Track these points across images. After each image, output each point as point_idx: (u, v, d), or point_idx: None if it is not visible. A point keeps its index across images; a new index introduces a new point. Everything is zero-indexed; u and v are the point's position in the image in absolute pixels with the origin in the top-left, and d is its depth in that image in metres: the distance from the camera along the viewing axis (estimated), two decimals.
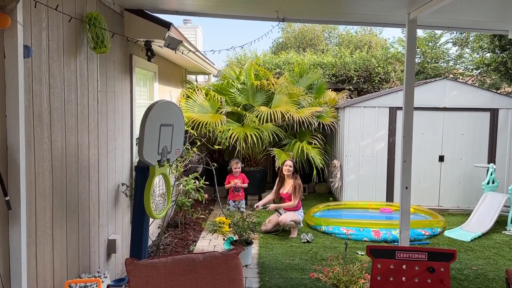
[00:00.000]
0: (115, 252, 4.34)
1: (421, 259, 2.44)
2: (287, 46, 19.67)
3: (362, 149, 7.99)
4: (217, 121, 7.77)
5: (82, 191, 3.61)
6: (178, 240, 6.20)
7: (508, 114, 7.73)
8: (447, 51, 17.02)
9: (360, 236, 6.25)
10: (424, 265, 2.45)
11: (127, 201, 4.84)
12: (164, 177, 4.09)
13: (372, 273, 2.49)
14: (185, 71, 8.76)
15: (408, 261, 2.45)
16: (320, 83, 9.64)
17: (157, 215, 3.95)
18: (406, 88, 4.26)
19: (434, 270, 2.42)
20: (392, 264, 2.47)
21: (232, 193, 7.01)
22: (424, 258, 2.44)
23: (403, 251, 2.45)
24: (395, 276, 2.45)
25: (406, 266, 2.46)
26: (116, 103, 4.46)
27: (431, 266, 2.43)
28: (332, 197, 8.88)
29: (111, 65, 4.30)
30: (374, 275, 2.48)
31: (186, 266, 2.58)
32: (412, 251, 2.45)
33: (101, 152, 4.01)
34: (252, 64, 9.39)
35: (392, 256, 2.45)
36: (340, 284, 3.92)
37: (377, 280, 2.46)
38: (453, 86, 7.88)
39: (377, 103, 7.95)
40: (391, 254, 2.45)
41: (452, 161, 7.91)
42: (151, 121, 3.62)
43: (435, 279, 2.44)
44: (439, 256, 2.45)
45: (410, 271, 2.45)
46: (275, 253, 5.68)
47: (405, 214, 4.29)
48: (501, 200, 6.78)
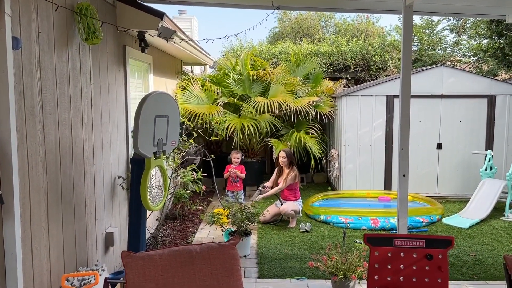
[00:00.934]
0: (113, 245, 4.32)
1: (419, 247, 2.43)
2: (283, 35, 19.55)
3: (359, 138, 7.96)
4: (213, 112, 7.73)
5: (78, 184, 3.58)
6: (177, 232, 6.20)
7: (506, 100, 7.70)
8: (444, 38, 16.96)
9: (359, 224, 6.25)
10: (422, 252, 2.43)
11: (124, 194, 4.82)
12: (161, 169, 4.06)
13: (369, 261, 2.48)
14: (180, 62, 8.69)
15: (405, 248, 2.44)
16: (317, 73, 9.59)
17: (154, 207, 3.92)
18: (403, 75, 4.22)
19: (432, 257, 2.41)
20: (389, 252, 2.45)
21: (230, 184, 7.00)
22: (421, 245, 2.43)
23: (401, 238, 2.43)
24: (393, 263, 2.44)
25: (404, 254, 2.45)
26: (110, 95, 4.41)
27: (429, 253, 2.42)
28: (331, 186, 8.88)
29: (104, 56, 4.25)
30: (371, 263, 2.47)
31: (183, 258, 2.56)
32: (409, 239, 2.43)
33: (95, 145, 3.97)
34: (248, 54, 9.32)
35: (390, 244, 2.43)
36: (339, 272, 3.91)
37: (375, 268, 2.44)
38: (450, 73, 7.84)
39: (374, 92, 7.91)
40: (388, 242, 2.43)
41: (450, 148, 7.90)
42: (145, 112, 3.58)
43: (433, 266, 2.43)
44: (437, 243, 2.43)
45: (408, 259, 2.44)
46: (274, 243, 5.68)
47: (402, 202, 4.27)
48: (499, 187, 6.79)
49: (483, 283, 4.40)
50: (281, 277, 4.59)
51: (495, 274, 4.64)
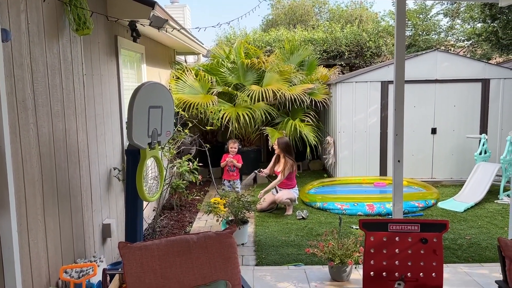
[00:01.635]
0: (110, 237, 4.33)
1: (413, 231, 2.45)
2: (277, 23, 19.43)
3: (355, 125, 7.97)
4: (208, 101, 7.70)
5: (73, 176, 3.57)
6: (174, 222, 6.22)
7: (500, 84, 7.72)
8: (438, 23, 16.90)
9: (355, 210, 6.29)
10: (417, 236, 2.46)
11: (120, 185, 4.82)
12: (156, 159, 4.05)
13: (365, 246, 2.50)
14: (173, 52, 8.63)
15: (401, 233, 2.46)
16: (311, 60, 9.55)
17: (150, 198, 3.93)
18: (396, 61, 4.20)
19: (427, 241, 2.43)
20: (385, 237, 2.47)
21: (226, 173, 7.00)
22: (416, 229, 2.45)
23: (396, 223, 2.45)
24: (388, 248, 2.47)
25: (399, 238, 2.47)
26: (103, 86, 4.38)
27: (424, 237, 2.44)
28: (327, 173, 8.91)
29: (95, 47, 4.21)
30: (367, 248, 2.49)
31: (180, 247, 2.57)
32: (404, 223, 2.45)
33: (90, 136, 3.96)
34: (242, 43, 9.26)
35: (385, 229, 2.45)
36: (335, 258, 3.95)
37: (371, 253, 2.47)
38: (444, 57, 7.83)
39: (368, 78, 7.90)
40: (383, 226, 2.45)
41: (445, 133, 7.93)
42: (139, 103, 3.56)
43: (428, 249, 2.45)
44: (432, 227, 2.46)
45: (403, 243, 2.46)
46: (271, 230, 5.71)
47: (398, 187, 4.29)
48: (493, 170, 6.84)
49: (478, 265, 4.45)
50: (278, 264, 4.62)
51: (489, 256, 4.70)
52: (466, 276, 4.14)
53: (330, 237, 4.22)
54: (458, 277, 4.14)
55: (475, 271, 4.26)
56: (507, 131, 7.70)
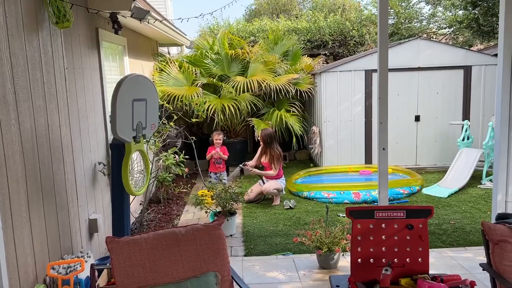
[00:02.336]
0: (97, 232, 4.30)
1: (399, 217, 2.49)
2: (260, 13, 19.32)
3: (340, 114, 8.02)
4: (193, 93, 7.65)
5: (57, 172, 3.52)
6: (162, 215, 6.20)
7: (481, 70, 7.83)
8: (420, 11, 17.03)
9: (341, 199, 6.36)
10: (403, 222, 2.50)
11: (106, 180, 4.77)
12: (141, 153, 4.02)
13: (352, 234, 2.53)
14: (156, 44, 8.52)
15: (387, 220, 2.50)
16: (296, 50, 9.54)
17: (137, 192, 3.90)
18: (380, 49, 4.22)
19: (412, 227, 2.48)
20: (371, 224, 2.50)
21: (213, 165, 6.99)
22: (402, 216, 2.49)
23: (382, 210, 2.49)
24: (375, 235, 2.50)
25: (385, 225, 2.51)
26: (85, 80, 4.31)
27: (410, 223, 2.48)
28: (313, 163, 8.97)
29: (76, 40, 4.13)
30: (354, 236, 2.52)
31: (168, 240, 2.57)
32: (390, 210, 2.49)
33: (73, 131, 3.90)
34: (226, 33, 9.19)
35: (371, 216, 2.48)
36: (323, 246, 3.99)
37: (358, 240, 2.50)
38: (427, 45, 7.90)
39: (352, 67, 7.93)
40: (370, 214, 2.48)
41: (428, 120, 8.03)
42: (122, 96, 3.52)
43: (414, 235, 2.50)
44: (417, 213, 2.50)
45: (389, 230, 2.50)
46: (259, 221, 5.73)
47: (383, 175, 4.34)
48: (475, 156, 6.96)
49: (463, 249, 4.55)
50: (267, 254, 4.65)
51: (473, 240, 4.80)
52: (451, 260, 4.23)
53: (317, 226, 4.26)
54: (443, 261, 4.23)
55: (459, 255, 4.36)
56: (489, 117, 7.84)
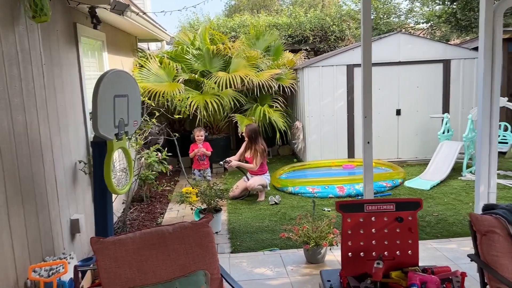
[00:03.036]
0: (79, 232, 4.19)
1: (389, 210, 2.49)
2: (240, 8, 19.21)
3: (322, 109, 8.03)
4: (174, 90, 7.54)
5: (37, 172, 3.40)
6: (145, 214, 6.10)
7: (460, 64, 7.95)
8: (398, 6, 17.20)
9: (326, 193, 6.37)
10: (393, 215, 2.50)
11: (87, 179, 4.65)
12: (124, 151, 3.93)
13: (342, 228, 2.52)
14: (135, 39, 8.36)
15: (377, 213, 2.49)
16: (277, 45, 9.50)
17: (120, 190, 3.81)
18: (363, 43, 4.23)
19: (402, 220, 2.48)
20: (361, 218, 2.50)
21: (196, 162, 6.90)
22: (392, 209, 2.49)
23: (372, 203, 2.48)
24: (365, 228, 2.49)
25: (375, 218, 2.50)
26: (64, 76, 4.18)
27: (399, 215, 2.49)
28: (296, 158, 8.97)
29: (54, 35, 4.00)
30: (344, 230, 2.51)
31: (155, 239, 2.50)
32: (380, 203, 2.48)
33: (52, 129, 3.78)
34: (207, 28, 9.08)
35: (361, 210, 2.47)
36: (310, 240, 3.98)
37: (348, 234, 2.49)
38: (407, 39, 7.97)
39: (334, 62, 7.95)
40: (360, 207, 2.47)
41: (409, 114, 8.12)
42: (103, 92, 3.42)
43: (404, 228, 2.50)
44: (406, 205, 2.50)
45: (379, 223, 2.49)
46: (245, 217, 5.70)
47: (368, 168, 4.35)
48: (456, 148, 7.07)
49: (447, 240, 4.61)
50: (254, 250, 4.62)
51: (457, 231, 4.87)
52: (436, 252, 4.28)
53: (304, 221, 4.24)
54: (428, 253, 4.27)
55: (444, 246, 4.41)
56: (468, 110, 7.98)
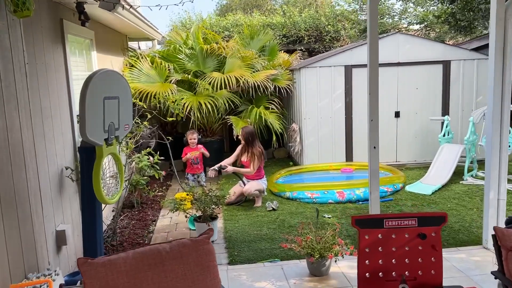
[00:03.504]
0: (66, 244, 3.88)
1: (411, 226, 2.25)
2: (231, 8, 18.94)
3: (320, 111, 7.79)
4: (166, 90, 7.25)
5: (19, 180, 3.10)
6: (136, 221, 5.80)
7: (460, 65, 7.78)
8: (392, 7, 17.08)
9: (325, 198, 6.13)
10: (414, 231, 2.26)
11: (74, 186, 4.35)
12: (114, 157, 3.64)
13: (359, 246, 2.27)
14: (125, 38, 8.06)
15: (397, 229, 2.25)
16: (272, 45, 9.25)
17: (109, 200, 3.53)
18: (370, 42, 4.01)
19: (425, 236, 2.24)
20: (380, 234, 2.26)
21: (190, 166, 6.61)
22: (414, 224, 2.25)
23: (392, 218, 2.24)
24: (384, 246, 2.25)
25: (396, 235, 2.26)
26: (49, 76, 3.88)
27: (422, 232, 2.25)
28: (292, 161, 8.73)
29: (38, 32, 3.70)
30: (361, 248, 2.27)
31: (151, 260, 2.23)
32: (401, 218, 2.24)
33: (36, 134, 3.48)
34: (200, 27, 8.80)
35: (380, 225, 2.23)
36: (315, 252, 3.73)
37: (365, 253, 2.24)
38: (406, 40, 7.78)
39: (332, 62, 7.72)
40: (379, 223, 2.23)
41: (408, 116, 7.92)
42: (92, 94, 3.14)
43: (426, 245, 2.27)
44: (430, 220, 2.27)
45: (399, 240, 2.25)
46: (241, 224, 5.43)
47: (374, 174, 4.15)
48: (457, 151, 6.89)
49: (455, 249, 4.40)
50: (253, 261, 4.36)
51: (463, 239, 4.67)
52: (445, 262, 4.03)
53: (306, 230, 4.00)
54: None
55: (452, 256, 4.20)
56: (468, 112, 7.81)
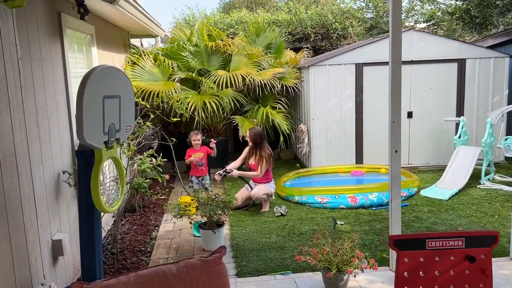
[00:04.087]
0: (63, 255, 3.60)
1: (457, 247, 1.96)
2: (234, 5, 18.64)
3: (329, 111, 7.49)
4: (170, 89, 6.95)
5: (10, 187, 2.81)
6: (138, 226, 5.51)
7: (476, 64, 7.46)
8: None
9: (336, 203, 5.83)
10: (461, 253, 1.97)
11: (72, 191, 4.06)
12: (115, 161, 3.34)
13: (397, 270, 1.98)
14: (127, 34, 7.76)
15: (441, 250, 1.96)
16: (279, 42, 8.94)
17: (109, 209, 3.22)
18: (392, 39, 3.72)
19: (474, 260, 1.95)
20: (422, 257, 1.96)
21: (194, 168, 6.30)
22: (461, 245, 1.96)
23: (436, 238, 1.95)
24: (427, 270, 1.96)
25: (440, 257, 1.97)
26: (45, 73, 3.59)
27: (470, 254, 1.96)
28: (299, 163, 8.42)
29: (33, 25, 3.41)
30: (400, 272, 1.97)
31: (155, 284, 1.94)
32: (446, 238, 1.95)
33: (30, 136, 3.18)
34: (204, 24, 8.49)
35: (422, 247, 1.94)
36: (332, 266, 3.43)
37: (404, 278, 1.95)
38: (420, 37, 7.46)
39: (342, 60, 7.41)
40: (420, 244, 1.94)
41: (421, 116, 7.61)
42: (90, 92, 2.83)
43: (475, 269, 1.97)
44: (479, 240, 1.97)
45: (444, 263, 1.96)
46: (249, 231, 5.14)
47: (395, 180, 3.85)
48: (474, 154, 6.58)
49: None
50: (262, 273, 4.06)
51: None
52: None
53: (323, 241, 3.69)
54: None
55: None
56: (483, 112, 7.50)
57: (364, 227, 5.10)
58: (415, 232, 4.87)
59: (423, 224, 5.12)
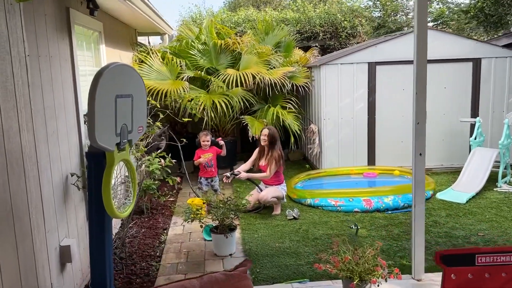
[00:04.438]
0: (71, 261, 3.44)
1: (509, 263, 1.79)
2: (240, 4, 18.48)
3: (340, 111, 7.30)
4: (178, 88, 6.78)
5: (17, 192, 2.65)
6: (146, 229, 5.35)
7: (491, 63, 7.26)
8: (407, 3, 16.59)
9: (351, 207, 5.65)
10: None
11: (80, 194, 3.90)
12: (127, 163, 3.18)
13: (444, 287, 1.80)
14: (135, 32, 7.60)
15: (492, 266, 1.79)
16: (288, 41, 8.76)
17: (121, 214, 3.06)
18: (417, 37, 3.54)
19: None
20: (470, 273, 1.79)
21: (203, 169, 6.13)
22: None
23: (486, 254, 1.78)
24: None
25: (490, 274, 1.80)
26: (53, 70, 3.43)
27: None
28: (309, 164, 8.24)
29: (41, 21, 3.25)
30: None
31: None
32: (498, 253, 1.78)
33: (38, 137, 3.03)
34: (213, 22, 8.32)
35: (471, 263, 1.77)
36: (354, 276, 3.25)
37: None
38: (433, 35, 7.23)
39: (354, 59, 7.23)
40: (469, 260, 1.77)
41: (435, 117, 7.39)
42: (102, 92, 2.67)
43: None
44: None
45: (496, 280, 1.79)
46: (261, 235, 4.97)
47: (419, 184, 3.69)
48: (491, 156, 6.38)
49: None
50: (277, 279, 3.90)
51: None
52: None
53: (344, 249, 3.51)
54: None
55: None
56: (499, 113, 7.31)
57: (380, 232, 4.92)
58: (435, 239, 4.69)
59: (442, 229, 4.94)
